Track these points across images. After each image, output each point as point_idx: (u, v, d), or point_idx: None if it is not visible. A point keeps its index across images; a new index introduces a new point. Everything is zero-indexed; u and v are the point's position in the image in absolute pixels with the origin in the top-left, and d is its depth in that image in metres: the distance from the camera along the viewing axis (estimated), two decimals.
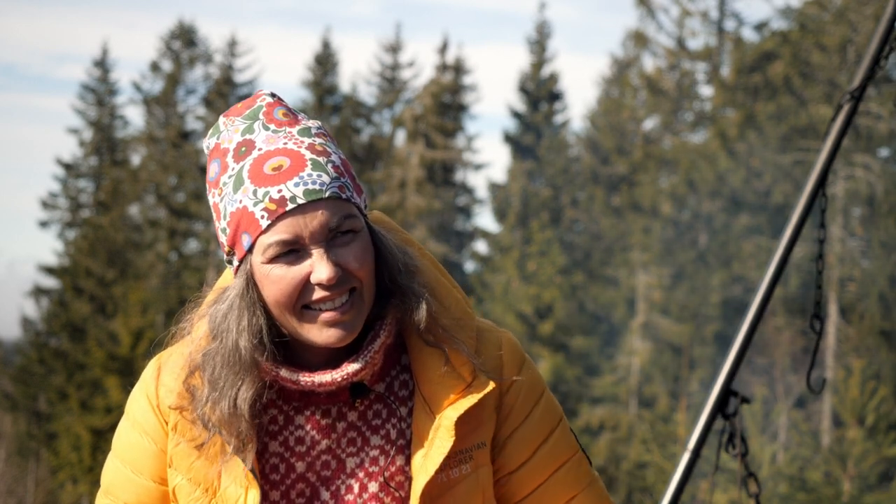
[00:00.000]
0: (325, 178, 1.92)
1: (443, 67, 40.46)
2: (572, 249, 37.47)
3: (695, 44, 41.25)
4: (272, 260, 1.93)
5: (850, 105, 4.15)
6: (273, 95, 2.01)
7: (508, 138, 40.62)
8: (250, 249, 1.95)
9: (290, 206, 1.91)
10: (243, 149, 1.96)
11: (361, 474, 2.01)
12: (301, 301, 1.94)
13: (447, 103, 40.07)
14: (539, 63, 40.66)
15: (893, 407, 22.10)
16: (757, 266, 31.05)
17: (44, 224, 43.96)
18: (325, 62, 41.73)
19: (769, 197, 32.44)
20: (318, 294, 1.93)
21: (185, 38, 41.97)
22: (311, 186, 1.91)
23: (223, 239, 1.99)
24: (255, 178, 1.93)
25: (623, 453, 30.28)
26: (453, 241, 39.57)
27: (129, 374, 32.84)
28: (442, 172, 39.88)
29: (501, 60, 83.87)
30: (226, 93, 40.13)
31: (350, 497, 2.01)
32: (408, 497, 2.00)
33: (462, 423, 1.98)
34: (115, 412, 32.54)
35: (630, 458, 29.12)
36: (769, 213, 32.35)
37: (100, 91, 43.94)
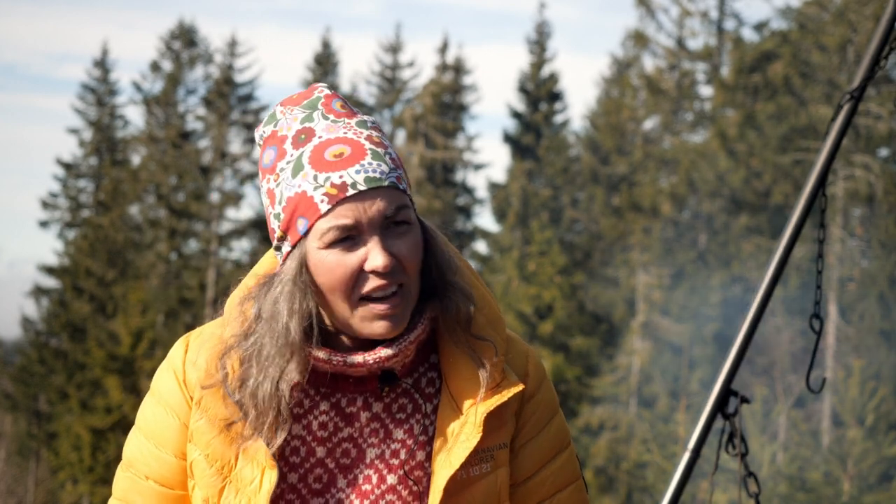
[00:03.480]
0: (385, 168, 1.97)
1: (443, 67, 40.46)
2: (572, 249, 37.47)
3: (695, 44, 41.28)
4: (329, 245, 1.96)
5: (849, 105, 4.15)
6: (330, 88, 2.07)
7: (508, 138, 40.62)
8: (306, 234, 1.98)
9: (351, 191, 1.94)
10: (303, 136, 2.00)
11: (381, 466, 2.03)
12: (356, 290, 1.97)
13: (447, 103, 40.06)
14: (539, 63, 40.66)
15: (893, 407, 22.10)
16: (757, 266, 31.05)
17: (44, 224, 43.96)
18: (325, 62, 41.74)
19: (769, 197, 32.45)
20: (372, 283, 1.96)
21: (185, 38, 41.96)
22: (371, 174, 1.95)
23: (276, 224, 2.01)
24: (316, 164, 1.96)
25: (623, 453, 30.29)
26: (453, 241, 39.22)
27: (129, 374, 32.86)
28: (442, 172, 39.89)
29: (501, 60, 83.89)
30: (226, 93, 40.12)
31: (368, 487, 2.03)
32: (425, 492, 2.02)
33: (488, 421, 2.02)
34: (115, 412, 32.55)
35: (630, 458, 29.14)
36: (769, 213, 32.36)
37: (100, 91, 43.93)
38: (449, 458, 1.99)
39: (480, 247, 40.44)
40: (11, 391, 40.33)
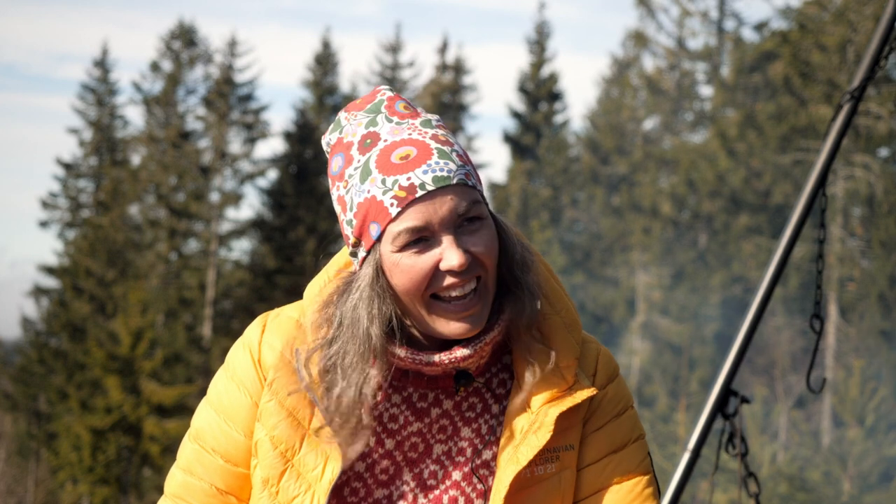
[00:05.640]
0: (452, 166, 1.96)
1: (443, 67, 40.47)
2: (572, 249, 37.48)
3: (695, 44, 41.33)
4: (402, 248, 1.96)
5: (850, 105, 4.15)
6: (392, 90, 2.07)
7: (508, 138, 40.63)
8: (379, 238, 1.97)
9: (420, 192, 1.93)
10: (368, 141, 2.00)
11: (447, 462, 2.04)
12: (430, 290, 1.96)
13: (447, 103, 40.07)
14: (539, 63, 40.66)
15: (893, 407, 22.10)
16: (757, 266, 31.05)
17: (44, 224, 43.96)
18: (325, 62, 41.74)
19: (769, 197, 32.45)
20: (448, 281, 1.95)
21: (185, 38, 41.95)
22: (439, 173, 1.94)
23: (349, 231, 2.01)
24: (383, 168, 1.95)
25: None
26: None
27: (129, 374, 32.84)
28: None
29: (501, 60, 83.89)
30: (226, 93, 40.12)
31: (433, 482, 2.04)
32: (488, 491, 2.03)
33: (558, 422, 2.02)
34: (114, 412, 32.54)
35: None
36: (769, 213, 32.36)
37: (100, 91, 43.92)
38: (516, 456, 1.99)
39: None
40: (11, 391, 40.32)
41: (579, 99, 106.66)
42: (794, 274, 29.16)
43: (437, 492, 2.03)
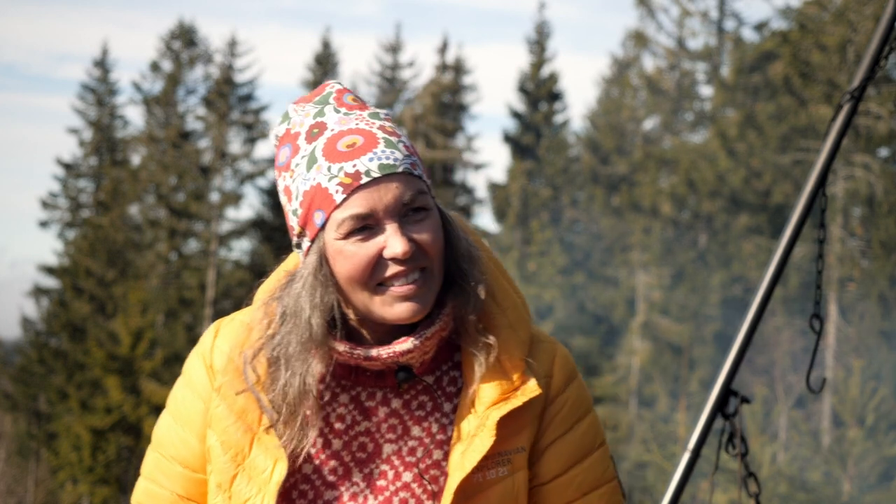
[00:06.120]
0: (398, 155, 1.96)
1: (443, 67, 40.47)
2: (572, 249, 37.49)
3: (695, 44, 41.31)
4: (346, 235, 1.95)
5: (850, 105, 4.15)
6: (341, 84, 2.09)
7: (508, 138, 40.62)
8: (323, 226, 1.97)
9: (365, 179, 1.93)
10: (315, 130, 2.00)
11: (397, 462, 2.02)
12: (374, 278, 1.95)
13: (447, 103, 40.06)
14: (539, 63, 40.67)
15: (893, 407, 22.10)
16: (757, 266, 31.05)
17: (44, 224, 43.97)
18: (325, 62, 41.74)
19: (769, 197, 32.45)
20: (392, 270, 1.95)
21: (185, 38, 41.95)
22: (384, 161, 1.95)
23: (294, 221, 2.00)
24: (329, 156, 1.96)
25: (623, 453, 30.30)
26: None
27: (128, 374, 32.85)
28: (442, 172, 39.89)
29: (501, 60, 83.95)
30: (226, 93, 40.12)
31: (383, 483, 2.01)
32: (440, 492, 2.00)
33: (504, 425, 1.99)
34: (114, 412, 32.54)
35: (630, 458, 29.13)
36: (769, 213, 32.36)
37: (100, 91, 43.93)
38: (462, 461, 1.96)
39: None
40: (11, 391, 40.33)
41: (579, 99, 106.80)
42: (794, 274, 29.15)
43: (387, 493, 2.00)
